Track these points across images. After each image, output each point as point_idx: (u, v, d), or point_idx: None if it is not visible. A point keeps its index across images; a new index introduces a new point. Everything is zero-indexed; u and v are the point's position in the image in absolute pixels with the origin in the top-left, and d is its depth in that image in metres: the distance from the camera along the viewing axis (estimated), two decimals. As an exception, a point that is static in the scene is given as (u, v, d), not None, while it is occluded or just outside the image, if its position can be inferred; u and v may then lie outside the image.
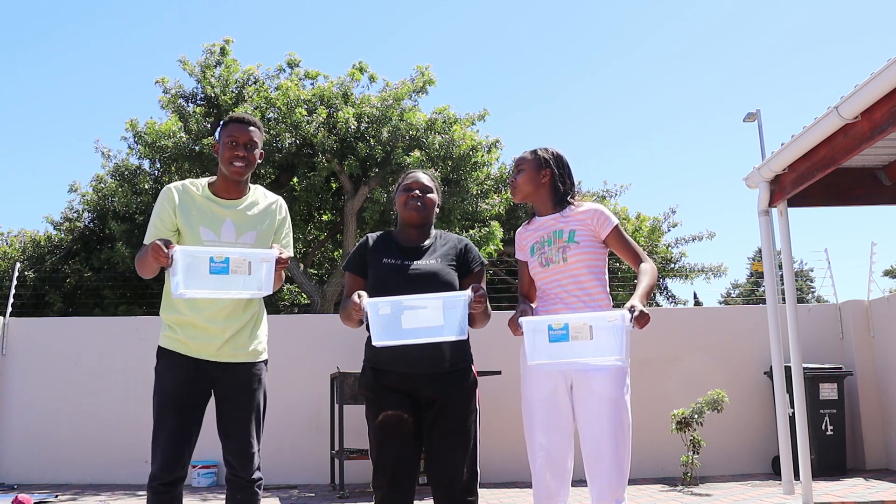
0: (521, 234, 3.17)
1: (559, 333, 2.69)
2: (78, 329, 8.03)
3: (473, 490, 2.84)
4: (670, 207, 15.79)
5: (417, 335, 2.67)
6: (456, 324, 2.65)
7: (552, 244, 2.97)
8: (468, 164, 10.18)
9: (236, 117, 3.08)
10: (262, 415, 3.06)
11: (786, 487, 5.46)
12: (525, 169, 3.09)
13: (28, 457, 7.52)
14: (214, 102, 10.76)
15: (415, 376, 2.84)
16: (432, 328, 2.66)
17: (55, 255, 12.24)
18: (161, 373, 3.03)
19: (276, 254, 2.81)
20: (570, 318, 2.70)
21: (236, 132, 3.02)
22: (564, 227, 2.99)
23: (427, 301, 2.68)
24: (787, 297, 5.55)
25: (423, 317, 2.67)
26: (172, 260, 2.67)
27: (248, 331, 3.07)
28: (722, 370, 7.58)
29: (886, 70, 3.91)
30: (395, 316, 2.66)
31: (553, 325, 2.69)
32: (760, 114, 14.86)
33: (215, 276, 2.74)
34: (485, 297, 2.74)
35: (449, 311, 2.65)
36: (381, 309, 2.65)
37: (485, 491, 6.53)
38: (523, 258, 3.15)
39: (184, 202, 3.02)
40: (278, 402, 7.53)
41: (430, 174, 3.12)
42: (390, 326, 2.67)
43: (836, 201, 5.72)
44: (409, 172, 3.13)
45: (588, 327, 2.67)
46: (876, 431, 7.52)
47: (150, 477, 2.87)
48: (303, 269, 11.14)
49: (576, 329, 2.67)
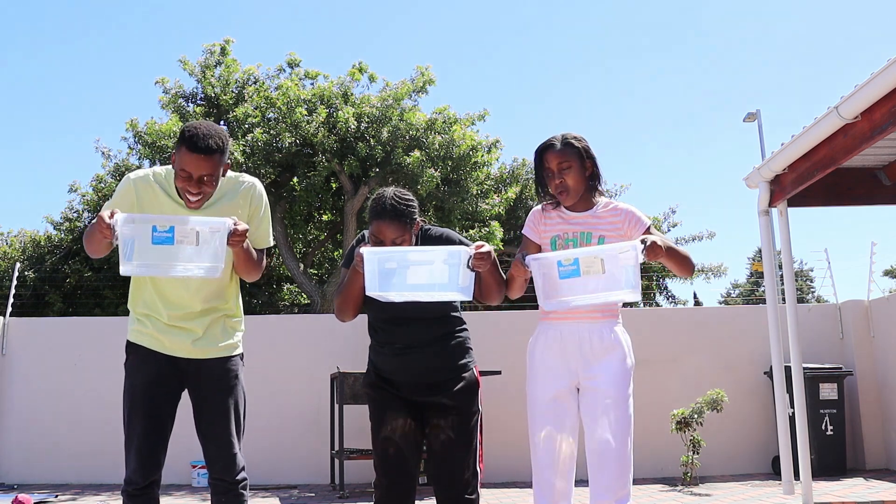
0: (541, 219, 2.92)
1: (570, 269, 2.57)
2: (78, 329, 8.03)
3: (474, 490, 2.84)
4: (670, 207, 15.79)
5: (416, 290, 2.58)
6: (456, 281, 2.53)
7: (577, 246, 2.81)
8: (468, 164, 10.18)
9: (191, 142, 2.58)
10: (243, 412, 2.85)
11: (786, 487, 5.46)
12: (573, 166, 2.82)
13: (28, 457, 7.52)
14: (215, 102, 10.77)
15: (420, 384, 2.85)
16: (432, 284, 2.57)
17: (55, 255, 12.24)
18: (131, 370, 2.83)
19: (229, 223, 2.52)
20: (579, 253, 2.60)
21: (190, 165, 2.59)
22: (594, 230, 2.82)
23: (430, 254, 2.60)
24: (787, 297, 5.55)
25: (423, 273, 2.58)
26: (114, 232, 2.43)
27: (221, 324, 2.84)
28: (722, 370, 7.58)
29: (886, 70, 3.91)
30: (398, 270, 2.56)
31: (563, 260, 2.58)
32: (760, 114, 14.85)
33: (158, 247, 2.46)
34: (488, 257, 2.60)
35: (451, 268, 2.53)
36: (387, 263, 2.55)
37: (485, 491, 6.52)
38: (535, 240, 2.92)
39: (144, 200, 2.74)
40: (278, 402, 7.56)
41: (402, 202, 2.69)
42: (389, 279, 2.55)
43: (836, 201, 5.71)
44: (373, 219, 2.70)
45: (600, 261, 2.55)
46: (876, 431, 7.52)
47: (125, 481, 2.72)
48: (303, 269, 11.14)
49: (587, 263, 2.56)
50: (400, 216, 2.68)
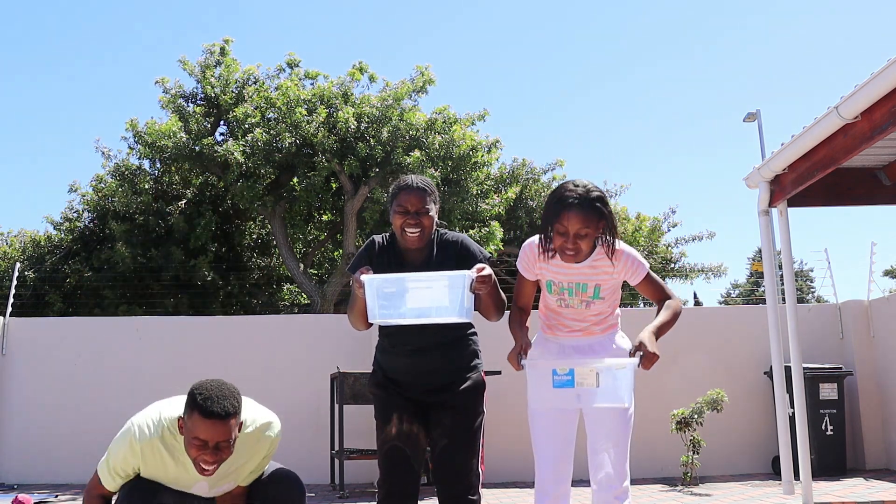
0: (536, 259, 2.77)
1: (564, 379, 2.56)
2: (78, 329, 8.03)
3: (476, 490, 2.86)
4: (670, 207, 15.78)
5: (417, 314, 2.60)
6: (457, 305, 2.55)
7: (573, 294, 2.77)
8: (468, 164, 10.18)
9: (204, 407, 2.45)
10: None
11: (786, 487, 5.45)
12: (590, 233, 2.60)
13: (28, 457, 7.52)
14: (214, 102, 10.77)
15: (427, 385, 2.85)
16: (432, 308, 2.59)
17: (55, 255, 12.23)
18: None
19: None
20: (575, 364, 2.57)
21: (205, 433, 2.45)
22: (590, 281, 2.73)
23: (429, 281, 2.61)
24: (787, 297, 5.54)
25: (424, 296, 2.60)
26: None
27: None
28: (722, 370, 7.57)
29: (886, 70, 3.91)
30: (397, 294, 2.59)
31: (558, 370, 2.57)
32: (760, 114, 14.84)
33: None
34: (489, 280, 2.63)
35: (452, 292, 2.56)
36: (386, 287, 2.59)
37: (485, 491, 6.51)
38: (530, 278, 2.83)
39: (151, 464, 2.65)
40: (278, 402, 7.50)
41: (424, 181, 2.85)
42: (391, 304, 2.59)
43: (836, 201, 5.71)
44: (401, 183, 2.85)
45: (594, 374, 2.54)
46: (876, 431, 7.52)
47: None
48: (303, 269, 11.14)
49: (582, 375, 2.55)
50: (422, 187, 2.80)
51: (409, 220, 2.77)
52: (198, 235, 10.92)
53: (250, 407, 2.75)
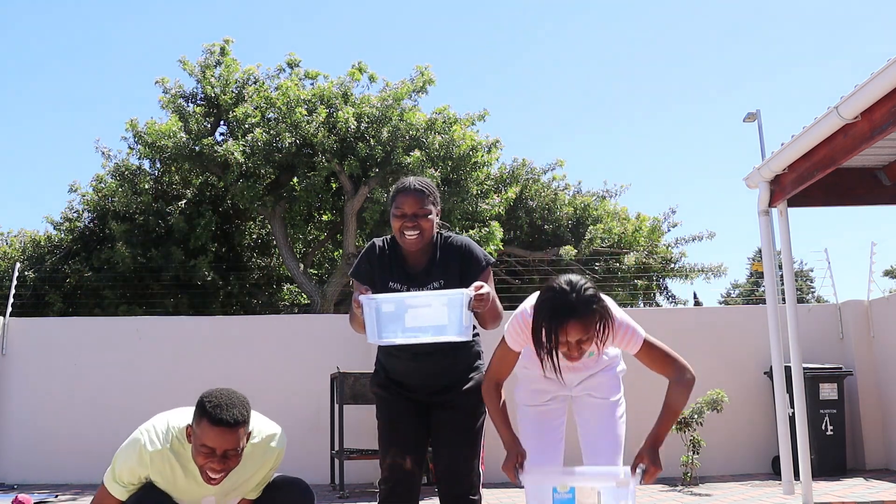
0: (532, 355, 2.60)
1: (565, 497, 2.47)
2: (78, 329, 8.03)
3: (477, 490, 2.87)
4: (670, 207, 15.75)
5: (416, 333, 2.61)
6: (456, 323, 2.56)
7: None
8: (468, 164, 10.17)
9: (213, 415, 2.43)
10: None
11: (786, 487, 5.46)
12: (591, 335, 2.40)
13: (28, 457, 7.52)
14: (214, 102, 10.76)
15: (430, 387, 2.85)
16: (431, 327, 2.61)
17: (55, 255, 12.23)
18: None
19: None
20: (576, 483, 2.46)
21: (213, 440, 2.44)
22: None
23: (428, 299, 2.63)
24: (787, 297, 5.54)
25: (423, 315, 2.61)
26: None
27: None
28: (722, 370, 7.57)
29: (886, 70, 3.91)
30: (396, 314, 2.61)
31: (558, 487, 2.48)
32: (760, 114, 14.85)
33: None
34: (487, 297, 2.62)
35: (451, 310, 2.57)
36: (384, 307, 2.61)
37: (485, 491, 6.50)
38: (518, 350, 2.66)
39: (159, 475, 2.63)
40: (278, 402, 7.54)
41: (424, 183, 2.82)
42: (390, 325, 2.61)
43: (836, 201, 5.72)
44: (400, 185, 2.83)
45: (596, 493, 2.44)
46: (876, 431, 7.52)
47: None
48: (303, 269, 11.14)
49: (584, 495, 2.45)
50: (420, 189, 2.78)
51: (407, 223, 2.75)
52: (198, 235, 10.91)
53: (256, 418, 2.75)
